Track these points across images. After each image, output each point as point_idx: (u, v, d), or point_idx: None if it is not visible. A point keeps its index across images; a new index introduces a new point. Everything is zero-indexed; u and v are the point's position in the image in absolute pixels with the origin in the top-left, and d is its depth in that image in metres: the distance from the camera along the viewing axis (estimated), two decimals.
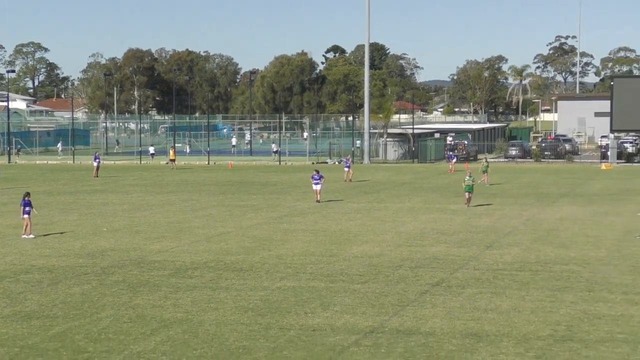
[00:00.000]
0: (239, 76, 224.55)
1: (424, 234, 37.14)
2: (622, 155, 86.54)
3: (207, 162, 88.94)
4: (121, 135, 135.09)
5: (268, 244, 34.59)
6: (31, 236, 36.22)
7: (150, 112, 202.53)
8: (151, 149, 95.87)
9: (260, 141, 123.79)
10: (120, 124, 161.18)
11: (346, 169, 64.88)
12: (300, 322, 22.15)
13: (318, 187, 49.38)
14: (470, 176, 46.68)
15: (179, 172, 76.72)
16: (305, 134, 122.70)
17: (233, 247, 33.88)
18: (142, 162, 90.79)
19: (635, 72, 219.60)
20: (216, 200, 51.60)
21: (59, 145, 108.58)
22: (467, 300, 24.40)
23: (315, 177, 49.62)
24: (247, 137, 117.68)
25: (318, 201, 49.02)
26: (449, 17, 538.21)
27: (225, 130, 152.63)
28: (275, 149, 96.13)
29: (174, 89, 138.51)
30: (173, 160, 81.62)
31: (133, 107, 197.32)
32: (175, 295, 25.34)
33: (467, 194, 46.40)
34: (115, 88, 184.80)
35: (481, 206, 46.02)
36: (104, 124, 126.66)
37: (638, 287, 25.95)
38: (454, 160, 75.93)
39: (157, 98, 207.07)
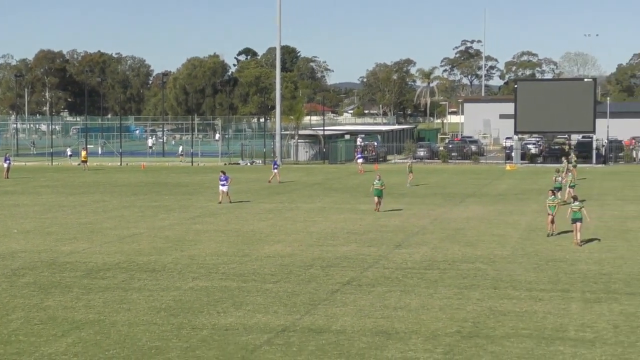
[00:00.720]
0: (151, 78, 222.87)
1: (334, 233, 37.57)
2: (525, 156, 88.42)
3: (119, 163, 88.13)
4: (32, 137, 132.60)
5: (180, 245, 34.63)
6: None
7: (62, 114, 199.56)
8: (69, 151, 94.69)
9: (173, 142, 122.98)
10: (32, 125, 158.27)
11: (274, 170, 64.61)
12: (213, 322, 22.33)
13: (225, 188, 49.42)
14: (379, 179, 46.05)
15: (91, 173, 75.88)
16: (217, 136, 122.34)
17: (145, 248, 33.83)
18: (53, 163, 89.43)
19: (538, 75, 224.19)
20: (128, 201, 51.31)
21: None
22: (377, 298, 24.87)
23: (222, 178, 49.64)
24: (150, 142, 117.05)
25: (221, 202, 48.97)
26: (358, 21, 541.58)
27: (137, 132, 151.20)
28: (181, 152, 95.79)
29: (86, 90, 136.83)
30: (85, 162, 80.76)
31: (44, 108, 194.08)
32: (87, 297, 25.26)
33: (376, 198, 45.91)
34: (26, 89, 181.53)
35: (393, 211, 46.55)
36: (15, 125, 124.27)
37: (542, 283, 26.77)
38: (361, 160, 76.55)
39: (69, 99, 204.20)
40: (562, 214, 36.82)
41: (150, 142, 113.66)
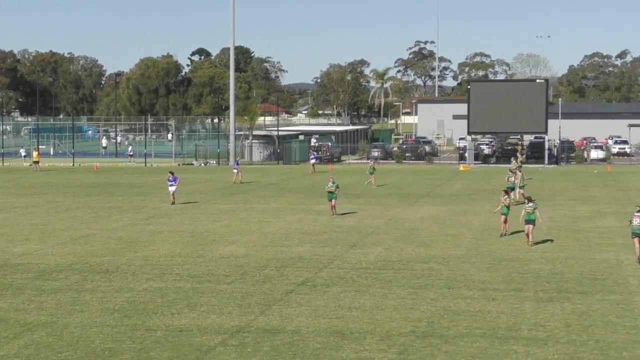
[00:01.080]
0: (104, 78, 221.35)
1: (289, 234, 37.57)
2: (479, 156, 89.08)
3: (72, 164, 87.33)
4: None
5: (134, 246, 34.41)
6: None
7: (13, 114, 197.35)
8: (22, 151, 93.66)
9: (126, 143, 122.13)
10: None
11: (235, 171, 64.22)
12: (167, 323, 22.23)
13: (173, 188, 49.12)
14: (333, 182, 44.46)
15: (43, 174, 75.11)
16: (170, 136, 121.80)
17: (98, 249, 33.58)
18: (4, 164, 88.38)
19: (491, 76, 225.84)
20: (81, 202, 50.88)
21: None
22: (332, 298, 24.90)
23: (170, 178, 49.29)
24: (104, 142, 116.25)
25: (174, 203, 48.58)
26: (312, 22, 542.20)
27: (90, 132, 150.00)
28: (130, 152, 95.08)
29: (37, 90, 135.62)
30: (37, 162, 79.84)
31: None
32: (39, 298, 25.02)
33: (332, 200, 44.03)
34: None
35: (347, 213, 46.62)
36: None
37: (495, 283, 26.98)
38: (314, 160, 76.43)
39: (20, 99, 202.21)
40: (515, 214, 37.15)
41: (104, 142, 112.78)
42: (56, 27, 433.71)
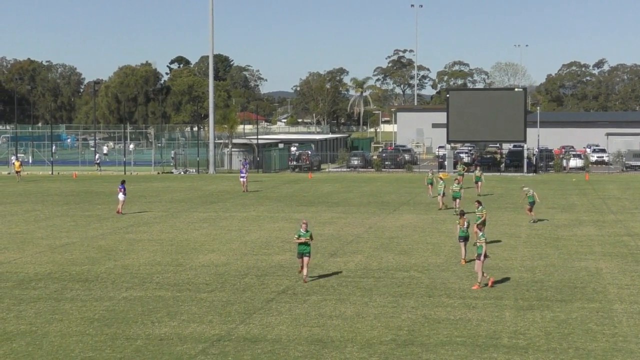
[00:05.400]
0: (82, 86, 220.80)
1: (269, 242, 37.53)
2: (458, 164, 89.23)
3: (50, 172, 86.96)
4: None
5: (114, 254, 34.29)
6: None
7: None
8: (13, 158, 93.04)
9: (105, 151, 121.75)
10: None
11: (242, 179, 63.14)
12: (147, 332, 22.16)
13: (123, 197, 48.48)
14: (306, 230, 28.60)
15: (21, 182, 74.62)
16: (132, 146, 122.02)
17: (78, 258, 33.44)
18: None
19: (470, 85, 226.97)
20: (60, 211, 50.65)
21: None
22: (313, 307, 24.90)
23: (121, 187, 48.61)
24: (105, 149, 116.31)
25: (119, 212, 48.12)
26: (292, 30, 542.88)
27: (69, 141, 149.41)
28: (98, 160, 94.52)
29: (15, 98, 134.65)
30: (18, 172, 77.78)
31: None
32: (18, 307, 24.88)
33: (304, 257, 28.37)
34: None
35: (327, 222, 46.60)
36: None
37: (475, 291, 27.03)
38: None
39: None
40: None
41: (105, 149, 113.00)
42: (34, 35, 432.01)
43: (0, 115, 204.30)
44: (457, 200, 47.21)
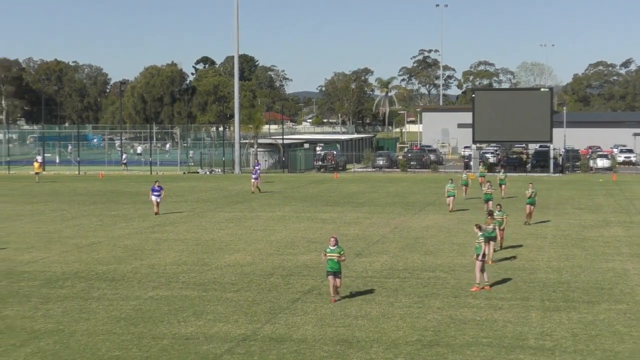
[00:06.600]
0: (108, 86, 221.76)
1: (295, 242, 37.57)
2: (485, 164, 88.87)
3: (77, 172, 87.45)
4: None
5: (140, 254, 34.44)
6: None
7: (18, 122, 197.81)
8: (39, 158, 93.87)
9: (132, 151, 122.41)
10: None
11: (254, 180, 62.81)
12: (173, 331, 22.23)
13: (158, 198, 48.39)
14: (335, 245, 26.68)
15: (48, 182, 75.07)
16: (168, 146, 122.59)
17: (104, 257, 33.61)
18: (10, 172, 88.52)
19: (495, 85, 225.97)
20: (87, 210, 50.94)
21: None
22: (338, 307, 24.88)
23: (156, 188, 48.45)
24: (140, 149, 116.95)
25: (157, 213, 47.90)
26: (317, 30, 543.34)
27: (95, 141, 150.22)
28: (125, 160, 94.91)
29: (42, 98, 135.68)
30: (38, 173, 77.78)
31: (0, 117, 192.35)
32: (45, 306, 25.04)
33: (334, 277, 25.93)
34: None
35: (352, 222, 46.59)
36: None
37: (501, 292, 26.94)
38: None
39: (26, 108, 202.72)
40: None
41: (139, 149, 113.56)
42: (61, 35, 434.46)
43: (27, 115, 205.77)
44: (490, 202, 46.77)
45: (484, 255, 27.61)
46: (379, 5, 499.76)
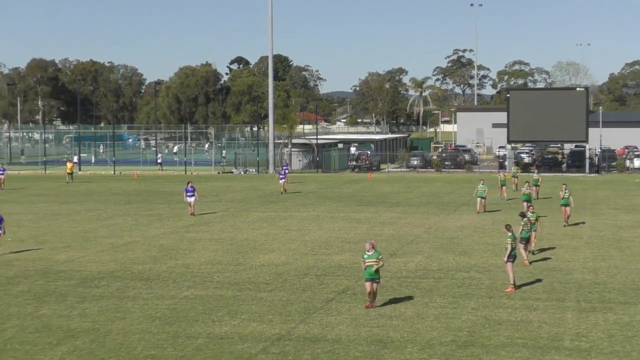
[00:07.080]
0: (143, 87, 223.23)
1: (329, 242, 37.58)
2: (519, 165, 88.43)
3: (112, 172, 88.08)
4: (25, 145, 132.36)
5: (175, 253, 34.61)
6: None
7: (54, 122, 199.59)
8: (75, 158, 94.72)
9: (166, 151, 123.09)
10: (24, 134, 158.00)
11: (282, 180, 62.23)
12: (208, 331, 22.31)
13: (192, 199, 48.13)
14: (373, 249, 26.01)
15: (84, 182, 75.63)
16: (207, 145, 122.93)
17: (140, 257, 33.82)
18: (47, 171, 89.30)
19: (530, 84, 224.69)
20: (122, 210, 51.27)
21: None
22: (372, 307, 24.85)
23: (189, 189, 48.21)
24: (175, 149, 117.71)
25: (193, 214, 47.72)
26: (351, 30, 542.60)
27: (130, 141, 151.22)
28: (160, 159, 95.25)
29: (78, 99, 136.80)
30: (70, 174, 76.41)
31: (37, 117, 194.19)
32: (81, 305, 25.23)
33: (372, 283, 25.00)
34: (18, 98, 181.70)
35: (386, 222, 46.52)
36: (8, 134, 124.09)
37: (536, 293, 26.79)
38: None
39: (62, 108, 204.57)
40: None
41: (175, 148, 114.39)
42: (97, 36, 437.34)
43: (63, 115, 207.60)
44: (527, 203, 46.30)
45: (514, 256, 27.44)
46: (413, 5, 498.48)
